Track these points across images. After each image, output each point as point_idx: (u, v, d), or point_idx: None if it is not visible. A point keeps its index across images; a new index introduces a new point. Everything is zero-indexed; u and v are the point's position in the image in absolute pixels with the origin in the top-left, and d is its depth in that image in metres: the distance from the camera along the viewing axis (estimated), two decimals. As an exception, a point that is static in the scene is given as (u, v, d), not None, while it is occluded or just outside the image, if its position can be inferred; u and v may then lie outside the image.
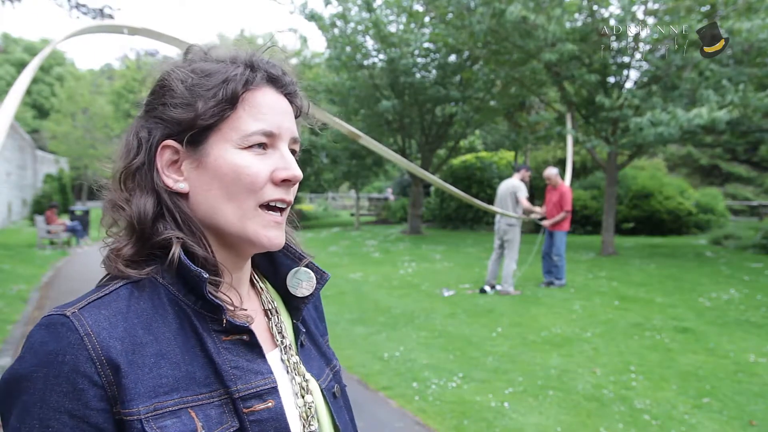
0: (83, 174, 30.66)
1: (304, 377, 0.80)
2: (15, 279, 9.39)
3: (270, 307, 0.84)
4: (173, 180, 0.74)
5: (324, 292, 0.94)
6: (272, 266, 0.87)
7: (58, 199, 23.81)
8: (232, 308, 0.73)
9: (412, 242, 15.31)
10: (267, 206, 0.74)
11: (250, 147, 0.73)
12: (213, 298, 0.70)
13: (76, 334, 0.64)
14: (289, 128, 0.76)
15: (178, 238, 0.72)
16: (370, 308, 7.41)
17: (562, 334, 6.04)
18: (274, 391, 0.72)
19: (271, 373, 0.73)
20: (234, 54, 0.77)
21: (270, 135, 0.74)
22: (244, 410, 0.69)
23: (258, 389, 0.71)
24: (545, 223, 8.58)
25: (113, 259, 0.73)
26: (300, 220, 0.93)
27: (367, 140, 3.45)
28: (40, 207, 22.07)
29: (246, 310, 0.75)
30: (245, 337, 0.72)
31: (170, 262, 0.70)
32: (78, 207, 18.74)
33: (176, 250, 0.70)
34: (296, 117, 0.81)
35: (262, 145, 0.73)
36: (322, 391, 0.82)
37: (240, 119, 0.73)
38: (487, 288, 8.30)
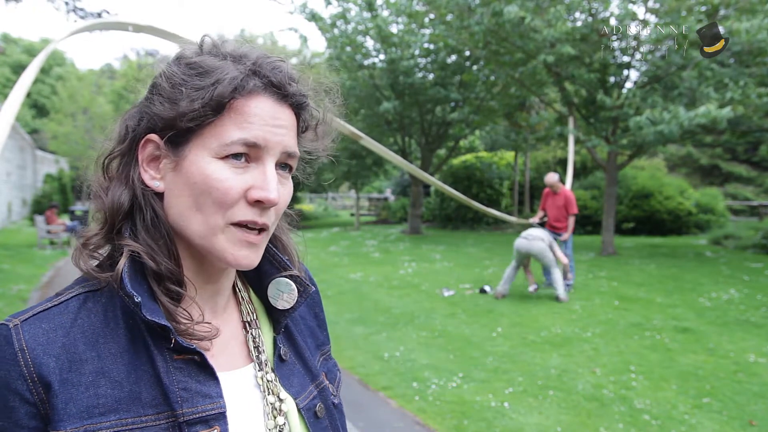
0: (83, 174, 30.58)
1: (278, 396, 0.74)
2: (15, 279, 9.39)
3: (249, 319, 0.78)
4: (150, 176, 0.70)
5: (324, 292, 0.92)
6: (257, 274, 0.80)
7: (58, 199, 23.79)
8: (185, 324, 0.68)
9: (412, 242, 15.31)
10: (239, 224, 0.67)
11: (228, 157, 0.66)
12: (153, 319, 0.63)
13: (11, 349, 0.62)
14: (280, 142, 0.68)
15: (131, 249, 0.67)
16: (370, 308, 7.41)
17: (562, 334, 6.04)
18: (221, 416, 0.66)
19: (221, 397, 0.67)
20: (243, 52, 0.70)
21: (253, 146, 0.66)
22: None
23: (204, 414, 0.65)
24: (565, 236, 8.49)
25: (80, 249, 0.70)
26: (300, 220, 0.88)
27: (368, 141, 3.45)
28: (40, 207, 22.05)
29: (209, 324, 0.70)
30: (196, 357, 0.67)
31: (116, 274, 0.66)
32: (78, 207, 18.70)
33: (122, 265, 0.66)
34: (303, 132, 0.75)
35: (244, 157, 0.66)
36: (299, 410, 0.75)
37: (223, 126, 0.66)
38: (487, 288, 8.31)
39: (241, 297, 0.80)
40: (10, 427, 0.61)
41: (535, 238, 7.52)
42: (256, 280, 0.81)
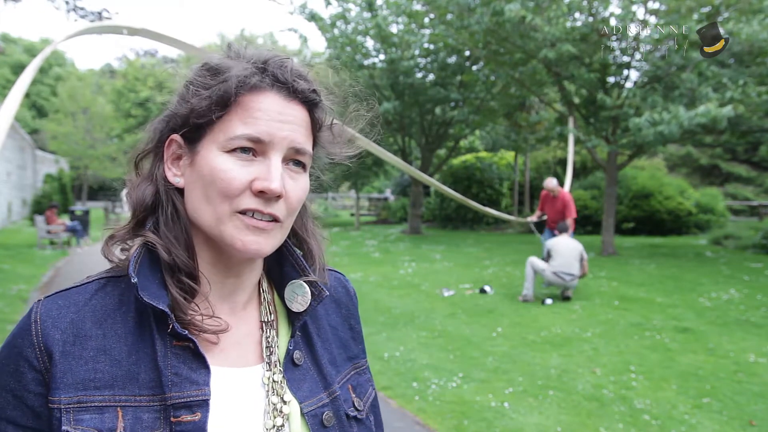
0: (83, 174, 30.69)
1: (282, 398, 0.74)
2: (15, 279, 9.39)
3: (267, 320, 0.79)
4: (173, 174, 0.74)
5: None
6: (280, 277, 0.82)
7: (58, 199, 23.79)
8: (191, 315, 0.70)
9: (412, 242, 15.31)
10: (245, 211, 0.70)
11: (233, 151, 0.69)
12: (150, 302, 0.67)
13: (29, 320, 0.69)
14: (286, 137, 0.70)
15: (146, 239, 0.71)
16: (370, 308, 7.41)
17: (562, 334, 6.04)
18: (204, 404, 0.68)
19: (207, 385, 0.69)
20: (259, 53, 0.73)
21: (257, 141, 0.69)
22: (173, 419, 0.66)
23: (189, 399, 0.67)
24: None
25: (108, 241, 0.75)
26: None
27: (364, 141, 3.45)
28: (40, 207, 22.05)
29: (218, 319, 0.72)
30: (191, 344, 0.69)
31: (126, 259, 0.72)
32: (78, 207, 18.73)
33: (132, 250, 0.71)
34: (318, 130, 0.77)
35: (250, 151, 0.69)
36: (303, 415, 0.75)
37: (230, 122, 0.69)
38: (487, 288, 8.32)
39: (264, 298, 0.82)
40: (20, 390, 0.67)
41: (574, 278, 7.36)
42: (280, 282, 0.83)
